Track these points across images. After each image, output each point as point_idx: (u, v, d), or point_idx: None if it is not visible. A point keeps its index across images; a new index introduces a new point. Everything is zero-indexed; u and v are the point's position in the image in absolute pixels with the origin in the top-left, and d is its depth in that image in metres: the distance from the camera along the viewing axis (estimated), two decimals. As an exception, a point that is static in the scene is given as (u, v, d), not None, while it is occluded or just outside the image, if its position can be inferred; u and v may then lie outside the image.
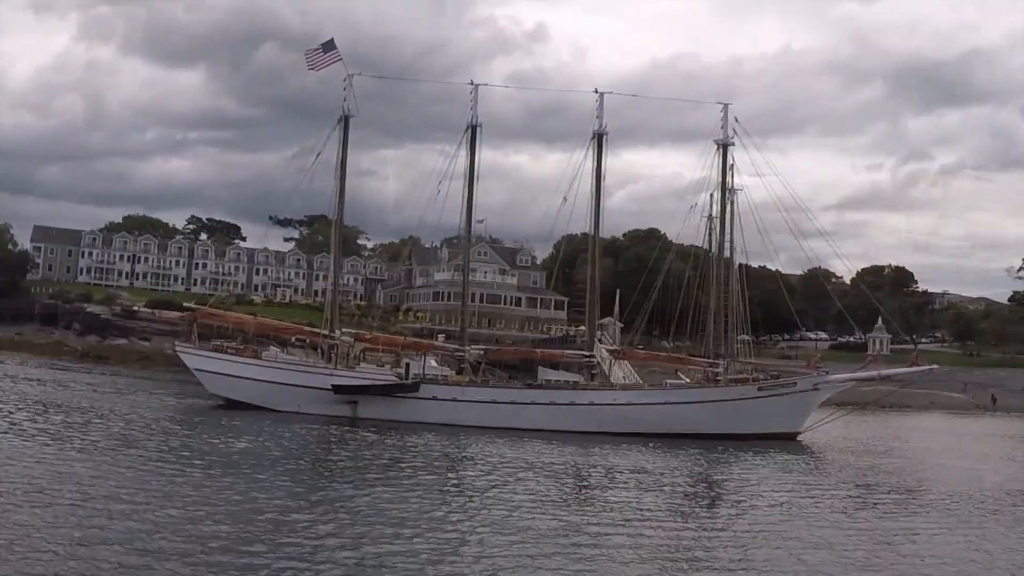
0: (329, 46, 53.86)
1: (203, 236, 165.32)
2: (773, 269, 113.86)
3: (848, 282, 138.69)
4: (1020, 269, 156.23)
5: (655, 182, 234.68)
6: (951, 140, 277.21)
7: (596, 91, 56.67)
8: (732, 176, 57.08)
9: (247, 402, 48.78)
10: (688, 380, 57.20)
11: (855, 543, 23.18)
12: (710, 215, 65.46)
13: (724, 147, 56.11)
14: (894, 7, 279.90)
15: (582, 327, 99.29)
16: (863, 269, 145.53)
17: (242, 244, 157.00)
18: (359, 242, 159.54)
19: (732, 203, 56.81)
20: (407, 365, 51.27)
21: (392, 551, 19.21)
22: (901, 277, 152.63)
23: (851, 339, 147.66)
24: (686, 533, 23.55)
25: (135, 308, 60.81)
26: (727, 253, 58.53)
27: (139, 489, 23.72)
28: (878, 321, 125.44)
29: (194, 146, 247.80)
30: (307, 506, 23.56)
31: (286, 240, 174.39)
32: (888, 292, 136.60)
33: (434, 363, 53.88)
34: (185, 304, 56.31)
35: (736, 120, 55.90)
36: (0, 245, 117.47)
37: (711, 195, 62.11)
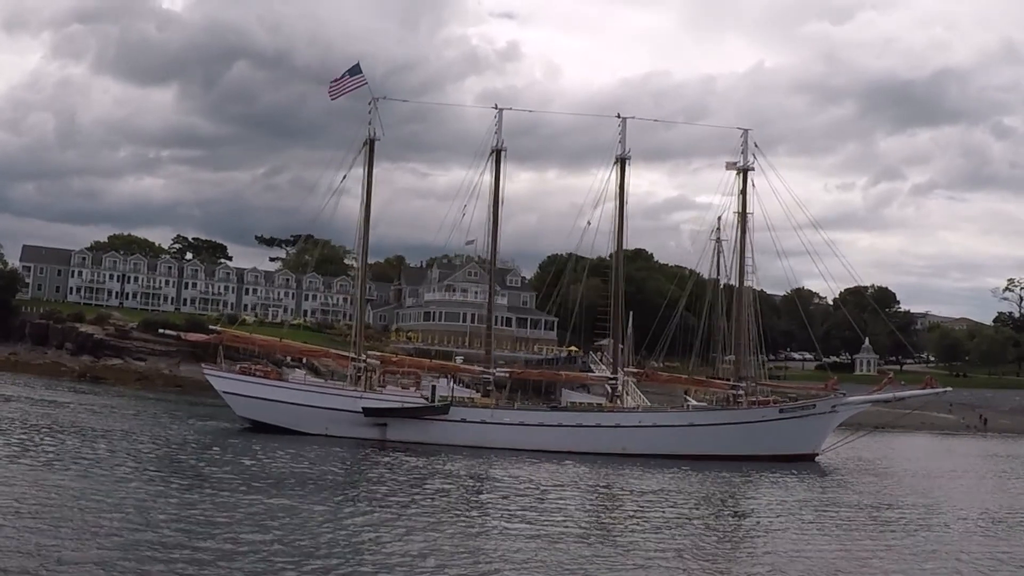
0: (355, 70, 54.07)
1: (189, 255, 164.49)
2: (758, 289, 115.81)
3: (831, 302, 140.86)
4: (1005, 290, 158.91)
5: (629, 200, 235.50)
6: (923, 159, 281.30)
7: (619, 115, 57.58)
8: (738, 201, 58.12)
9: (275, 424, 48.99)
10: (695, 401, 58.05)
11: (906, 558, 24.20)
12: (718, 238, 66.86)
13: (744, 172, 56.66)
14: (865, 26, 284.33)
15: (572, 347, 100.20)
16: (846, 289, 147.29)
17: (230, 264, 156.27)
18: (346, 261, 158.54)
19: (747, 228, 57.74)
20: (433, 388, 51.70)
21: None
22: (884, 297, 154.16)
23: (836, 359, 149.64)
24: (737, 553, 24.41)
25: (161, 330, 60.51)
26: (736, 276, 59.59)
27: (221, 513, 24.30)
28: (865, 341, 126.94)
29: (167, 164, 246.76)
30: (387, 526, 24.25)
31: (271, 260, 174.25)
32: (872, 312, 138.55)
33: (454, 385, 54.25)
34: (211, 327, 56.36)
35: (756, 145, 56.80)
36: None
37: (719, 218, 63.45)
